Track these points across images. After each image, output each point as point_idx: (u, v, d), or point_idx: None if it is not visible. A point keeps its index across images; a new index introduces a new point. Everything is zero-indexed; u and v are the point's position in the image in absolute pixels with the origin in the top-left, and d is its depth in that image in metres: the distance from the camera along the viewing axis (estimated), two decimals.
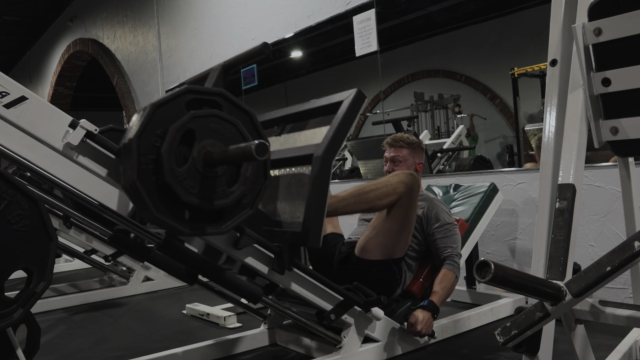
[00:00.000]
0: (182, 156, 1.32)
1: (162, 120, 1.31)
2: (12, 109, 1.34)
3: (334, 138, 1.66)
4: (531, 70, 4.14)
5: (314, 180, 1.63)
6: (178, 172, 1.30)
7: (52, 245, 1.41)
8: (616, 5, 1.22)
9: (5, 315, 1.36)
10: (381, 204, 1.99)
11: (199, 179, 1.33)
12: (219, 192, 1.37)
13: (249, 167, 1.40)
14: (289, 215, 1.76)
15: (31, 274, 1.40)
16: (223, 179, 1.38)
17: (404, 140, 2.41)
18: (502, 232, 2.92)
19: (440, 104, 5.52)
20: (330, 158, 1.65)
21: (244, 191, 1.40)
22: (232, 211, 1.42)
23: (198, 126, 1.33)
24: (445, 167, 4.74)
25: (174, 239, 1.59)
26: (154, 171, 1.30)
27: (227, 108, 1.42)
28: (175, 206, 1.33)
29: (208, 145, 1.34)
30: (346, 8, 3.72)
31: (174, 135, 1.29)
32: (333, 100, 1.78)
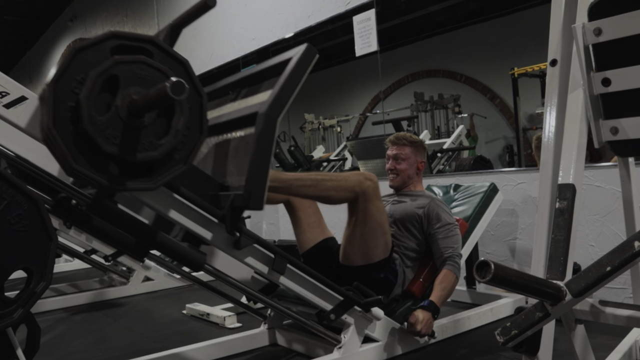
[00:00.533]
0: (105, 104, 1.24)
1: (84, 66, 1.22)
2: (12, 109, 1.34)
3: (278, 95, 1.56)
4: (531, 70, 4.14)
5: (258, 138, 1.52)
6: (99, 120, 1.21)
7: (52, 245, 1.41)
8: (616, 5, 1.22)
9: (5, 315, 1.36)
10: (336, 196, 1.94)
11: (122, 128, 1.24)
12: (146, 144, 1.27)
13: (180, 119, 1.31)
14: (235, 180, 1.67)
15: (31, 274, 1.40)
16: (151, 130, 1.28)
17: (407, 139, 2.41)
18: (502, 232, 2.92)
19: (440, 104, 5.52)
20: (275, 115, 1.54)
21: (174, 144, 1.30)
22: (163, 166, 1.33)
23: (122, 72, 1.24)
24: (445, 167, 4.74)
25: (104, 199, 1.46)
26: (72, 119, 1.21)
27: (159, 57, 1.32)
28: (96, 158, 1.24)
29: (134, 94, 1.25)
30: (346, 8, 3.72)
31: (95, 81, 1.21)
32: (282, 58, 1.68)
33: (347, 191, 1.93)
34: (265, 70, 1.77)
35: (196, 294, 3.39)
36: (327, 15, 3.88)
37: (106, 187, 1.26)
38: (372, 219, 1.98)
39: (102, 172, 1.25)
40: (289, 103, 1.58)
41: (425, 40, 5.59)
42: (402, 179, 2.40)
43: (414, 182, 2.43)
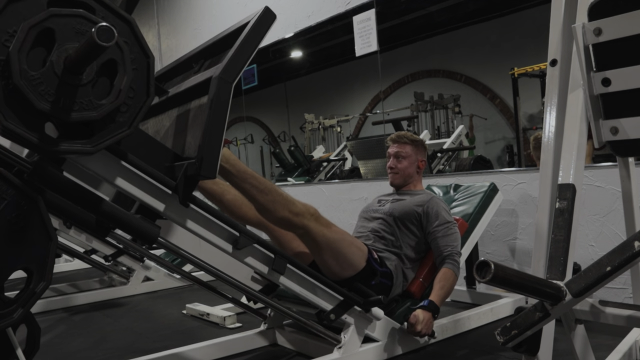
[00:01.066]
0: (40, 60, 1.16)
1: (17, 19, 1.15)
2: None
3: (233, 58, 1.47)
4: (531, 70, 4.14)
5: (211, 103, 1.44)
6: (31, 75, 1.14)
7: (52, 245, 1.41)
8: (616, 5, 1.22)
9: (5, 315, 1.36)
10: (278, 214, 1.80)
11: (57, 85, 1.17)
12: (84, 103, 1.20)
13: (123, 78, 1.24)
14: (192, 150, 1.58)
15: (31, 274, 1.39)
16: (90, 89, 1.21)
17: (408, 137, 2.43)
18: (502, 232, 2.92)
19: (440, 104, 5.52)
20: (229, 79, 1.45)
21: (116, 105, 1.23)
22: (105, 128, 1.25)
23: (59, 26, 1.16)
24: (445, 167, 4.74)
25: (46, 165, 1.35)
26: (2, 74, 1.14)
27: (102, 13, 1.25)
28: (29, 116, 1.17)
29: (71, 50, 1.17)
30: (346, 8, 3.72)
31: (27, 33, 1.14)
32: (241, 23, 1.61)
33: (291, 214, 1.80)
34: (226, 37, 1.69)
35: (196, 294, 3.39)
36: (327, 15, 3.88)
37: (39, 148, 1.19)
38: (328, 242, 1.88)
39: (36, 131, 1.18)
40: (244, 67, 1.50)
41: (425, 40, 5.59)
42: (403, 177, 2.40)
43: (414, 181, 2.43)
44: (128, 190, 1.47)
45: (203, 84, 1.52)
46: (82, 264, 4.54)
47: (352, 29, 3.68)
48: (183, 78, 1.92)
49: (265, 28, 1.53)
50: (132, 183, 1.47)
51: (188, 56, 1.89)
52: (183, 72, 1.94)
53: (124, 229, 1.49)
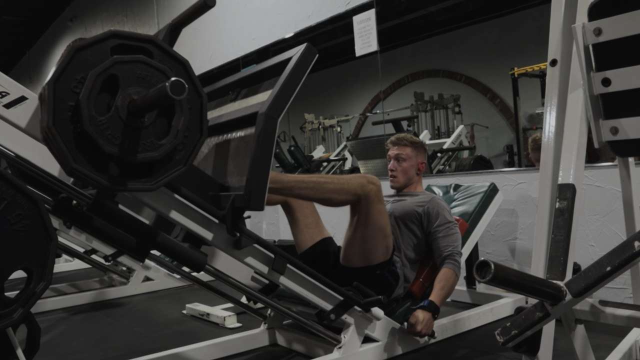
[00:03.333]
0: (105, 104, 1.24)
1: (83, 65, 1.22)
2: (12, 109, 1.34)
3: (279, 95, 1.55)
4: (531, 70, 4.14)
5: (258, 138, 1.52)
6: (99, 120, 1.21)
7: (52, 245, 1.41)
8: (616, 5, 1.22)
9: (5, 315, 1.36)
10: (338, 199, 1.92)
11: (122, 129, 1.24)
12: (146, 144, 1.27)
13: (180, 119, 1.31)
14: (236, 180, 1.66)
15: (31, 274, 1.40)
16: (151, 130, 1.28)
17: (408, 140, 2.43)
18: (502, 232, 2.92)
19: (440, 104, 5.52)
20: (275, 115, 1.54)
21: (174, 144, 1.30)
22: (163, 167, 1.32)
23: (122, 72, 1.24)
24: (445, 167, 4.74)
25: (104, 199, 1.45)
26: (72, 119, 1.21)
27: (159, 56, 1.32)
28: (97, 158, 1.24)
29: (134, 94, 1.25)
30: (346, 8, 3.72)
31: (95, 81, 1.20)
32: (282, 58, 1.68)
33: (348, 194, 1.92)
34: (265, 70, 1.77)
35: (196, 294, 3.39)
36: (327, 15, 3.88)
37: (106, 188, 1.26)
38: (373, 222, 1.97)
39: (103, 172, 1.25)
40: (289, 103, 1.57)
41: (425, 40, 5.59)
42: (404, 179, 2.40)
43: (414, 183, 2.43)
44: (179, 220, 1.56)
45: (248, 118, 1.61)
46: (82, 264, 4.54)
47: (352, 29, 3.68)
48: (218, 104, 1.98)
49: (307, 64, 1.62)
50: (184, 214, 1.57)
51: (224, 84, 1.97)
52: (218, 97, 2.01)
53: (174, 258, 1.60)
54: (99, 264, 3.67)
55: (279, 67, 1.68)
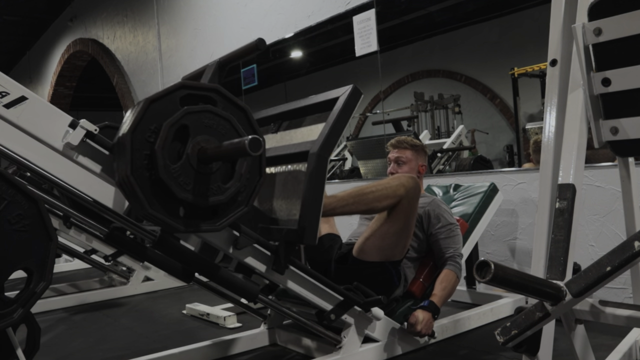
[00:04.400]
0: (176, 152, 1.31)
1: (156, 116, 1.30)
2: (12, 109, 1.34)
3: (329, 135, 1.64)
4: (531, 70, 4.14)
5: (310, 177, 1.61)
6: (172, 168, 1.29)
7: (52, 245, 1.41)
8: (616, 5, 1.22)
9: (5, 315, 1.36)
10: (380, 206, 1.96)
11: (193, 176, 1.32)
12: (214, 189, 1.36)
13: (244, 164, 1.39)
14: (285, 213, 1.74)
15: (31, 274, 1.40)
16: (218, 175, 1.36)
17: (408, 142, 2.43)
18: (502, 232, 2.92)
19: (440, 104, 5.52)
20: (326, 155, 1.63)
21: (239, 188, 1.39)
22: (227, 208, 1.41)
23: (192, 122, 1.32)
24: (445, 167, 4.74)
25: (169, 236, 1.56)
26: (147, 167, 1.29)
27: (222, 104, 1.40)
28: (169, 202, 1.32)
29: (202, 142, 1.33)
30: (346, 8, 3.72)
31: (168, 131, 1.28)
32: (329, 97, 1.77)
33: (389, 198, 1.94)
34: (309, 106, 1.87)
35: (196, 294, 3.39)
36: (327, 15, 3.88)
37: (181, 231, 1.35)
38: (405, 219, 2.00)
39: (175, 216, 1.34)
40: (337, 143, 1.69)
41: (425, 40, 5.59)
42: None
43: None
44: (235, 255, 1.64)
45: (299, 155, 1.71)
46: (82, 264, 4.54)
47: (352, 29, 3.67)
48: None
49: (354, 105, 1.72)
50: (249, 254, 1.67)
51: (266, 115, 2.06)
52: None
53: (231, 289, 1.72)
54: (99, 264, 3.67)
55: (323, 105, 1.79)
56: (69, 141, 1.38)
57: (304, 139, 1.80)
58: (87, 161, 1.43)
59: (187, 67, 5.54)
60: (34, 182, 2.95)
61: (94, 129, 1.41)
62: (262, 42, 1.67)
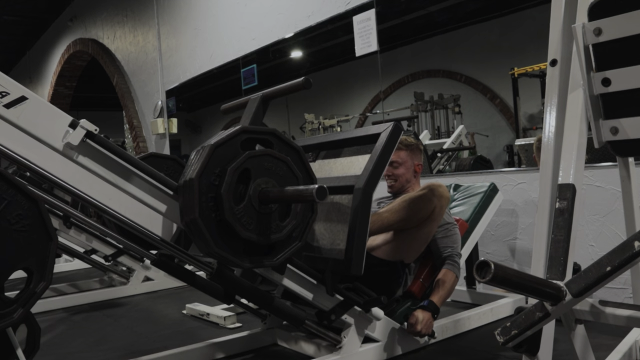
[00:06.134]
0: (239, 194, 1.40)
1: (220, 160, 1.39)
2: (12, 109, 1.34)
3: (374, 170, 1.73)
4: (531, 70, 4.13)
5: (356, 210, 1.69)
6: (236, 209, 1.37)
7: (52, 245, 1.41)
8: (616, 5, 1.22)
9: (5, 315, 1.36)
10: (413, 220, 2.02)
11: (256, 216, 1.41)
12: (273, 227, 1.45)
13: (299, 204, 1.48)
14: (328, 242, 1.81)
15: (31, 274, 1.40)
16: (276, 214, 1.45)
17: (403, 143, 2.38)
18: (502, 232, 2.92)
19: (440, 104, 5.52)
20: (371, 190, 1.72)
21: (294, 225, 1.48)
22: (284, 244, 1.50)
23: (253, 165, 1.41)
24: (445, 167, 4.73)
25: (225, 269, 1.65)
26: (213, 209, 1.37)
27: (278, 146, 1.49)
28: (233, 241, 1.40)
29: (262, 183, 1.42)
30: (346, 8, 3.72)
31: (233, 176, 1.37)
32: (370, 132, 1.86)
33: (422, 211, 2.01)
34: (350, 139, 1.98)
35: (196, 294, 3.36)
36: (327, 15, 3.88)
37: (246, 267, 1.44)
38: (429, 226, 2.05)
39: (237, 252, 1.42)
40: (380, 179, 1.77)
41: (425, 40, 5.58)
42: (401, 183, 2.39)
43: (412, 185, 2.42)
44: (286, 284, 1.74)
45: (343, 188, 1.80)
46: (82, 264, 4.54)
47: (352, 29, 3.67)
48: None
49: (395, 141, 1.80)
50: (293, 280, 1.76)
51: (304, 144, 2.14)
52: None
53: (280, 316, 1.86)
54: (99, 264, 3.67)
55: (364, 139, 1.89)
56: (69, 141, 1.38)
57: (345, 171, 1.91)
58: (89, 162, 1.43)
59: (187, 67, 5.54)
60: (34, 182, 2.95)
61: (94, 129, 1.41)
62: (309, 82, 1.72)
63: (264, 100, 1.83)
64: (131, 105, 6.65)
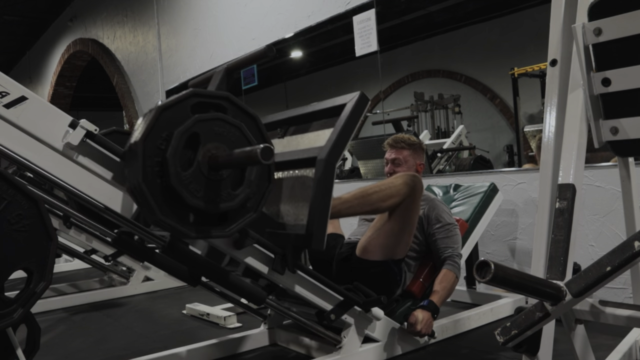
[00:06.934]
0: (187, 159, 1.33)
1: (168, 123, 1.32)
2: (12, 109, 1.34)
3: (337, 141, 1.66)
4: (531, 70, 4.14)
5: (318, 183, 1.62)
6: (183, 175, 1.30)
7: (52, 245, 1.41)
8: (616, 5, 1.22)
9: (5, 315, 1.36)
10: (384, 206, 1.97)
11: (204, 183, 1.34)
12: (224, 195, 1.37)
13: (253, 170, 1.40)
14: (292, 218, 1.75)
15: (31, 274, 1.40)
16: (228, 181, 1.38)
17: (405, 141, 2.39)
18: (502, 232, 2.92)
19: (440, 104, 5.52)
20: (334, 161, 1.64)
21: (248, 194, 1.41)
22: (237, 214, 1.42)
23: (203, 130, 1.34)
24: (445, 167, 4.74)
25: (178, 242, 1.58)
26: (159, 174, 1.30)
27: (232, 111, 1.42)
28: (180, 209, 1.33)
29: (212, 149, 1.34)
30: (346, 8, 3.72)
31: (179, 139, 1.30)
32: (336, 103, 1.78)
33: (393, 197, 1.95)
34: (316, 112, 1.88)
35: (196, 294, 3.38)
36: (327, 15, 3.88)
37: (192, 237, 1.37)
38: (408, 217, 2.02)
39: (185, 222, 1.35)
40: (345, 149, 1.69)
41: (425, 40, 5.59)
42: None
43: None
44: (243, 259, 1.66)
45: (305, 160, 1.71)
46: (82, 264, 4.54)
47: (352, 29, 3.67)
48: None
49: (361, 111, 1.73)
50: (249, 254, 1.67)
51: (273, 120, 2.06)
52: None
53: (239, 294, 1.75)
54: (99, 264, 3.67)
55: (330, 111, 1.80)
56: (69, 141, 1.38)
57: (311, 145, 1.81)
58: (89, 162, 1.43)
59: (187, 67, 5.54)
60: (34, 182, 2.95)
61: (94, 129, 1.41)
62: (271, 49, 1.68)
63: (228, 72, 1.80)
64: (131, 105, 6.65)
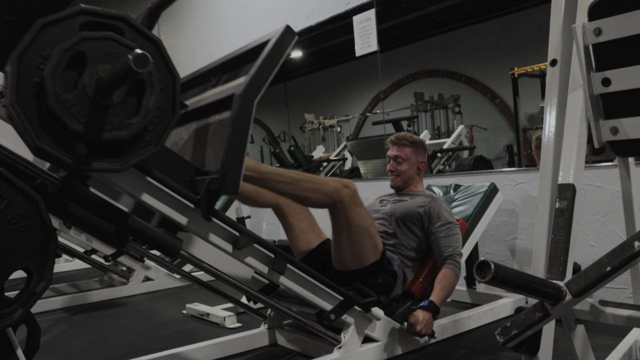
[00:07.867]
0: (73, 82, 1.21)
1: (51, 42, 1.19)
2: None
3: (255, 76, 1.51)
4: (531, 70, 4.14)
5: (234, 120, 1.47)
6: (64, 97, 1.18)
7: (52, 245, 1.41)
8: (616, 5, 1.22)
9: (5, 315, 1.36)
10: (313, 198, 1.88)
11: (89, 107, 1.21)
12: (114, 123, 1.24)
13: (151, 98, 1.28)
14: (213, 164, 1.62)
15: (31, 274, 1.39)
16: (120, 109, 1.25)
17: (408, 139, 2.40)
18: (502, 232, 2.92)
19: (440, 104, 5.52)
20: (251, 97, 1.49)
21: (144, 124, 1.27)
22: (133, 146, 1.29)
23: (90, 49, 1.20)
24: (445, 167, 4.74)
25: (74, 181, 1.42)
26: (37, 96, 1.18)
27: (131, 35, 1.29)
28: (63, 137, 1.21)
29: (102, 72, 1.21)
30: (346, 8, 3.72)
31: (60, 57, 1.18)
32: (262, 40, 1.64)
33: (324, 195, 1.88)
34: (245, 53, 1.72)
35: (196, 294, 3.39)
36: (327, 15, 3.88)
37: (72, 167, 1.22)
38: (354, 225, 1.92)
39: (68, 151, 1.21)
40: (265, 85, 1.52)
41: (425, 40, 5.59)
42: (403, 179, 2.39)
43: (414, 182, 2.42)
44: (152, 204, 1.51)
45: (225, 101, 1.56)
46: (82, 264, 4.54)
47: (352, 29, 3.68)
48: (199, 91, 1.94)
49: (286, 46, 1.57)
50: (157, 198, 1.52)
51: (205, 69, 1.92)
52: (199, 84, 1.96)
53: (147, 243, 1.54)
54: (99, 264, 3.67)
55: (258, 50, 1.62)
56: None
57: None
58: None
59: (187, 67, 5.53)
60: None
61: None
62: None
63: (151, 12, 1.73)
64: None
